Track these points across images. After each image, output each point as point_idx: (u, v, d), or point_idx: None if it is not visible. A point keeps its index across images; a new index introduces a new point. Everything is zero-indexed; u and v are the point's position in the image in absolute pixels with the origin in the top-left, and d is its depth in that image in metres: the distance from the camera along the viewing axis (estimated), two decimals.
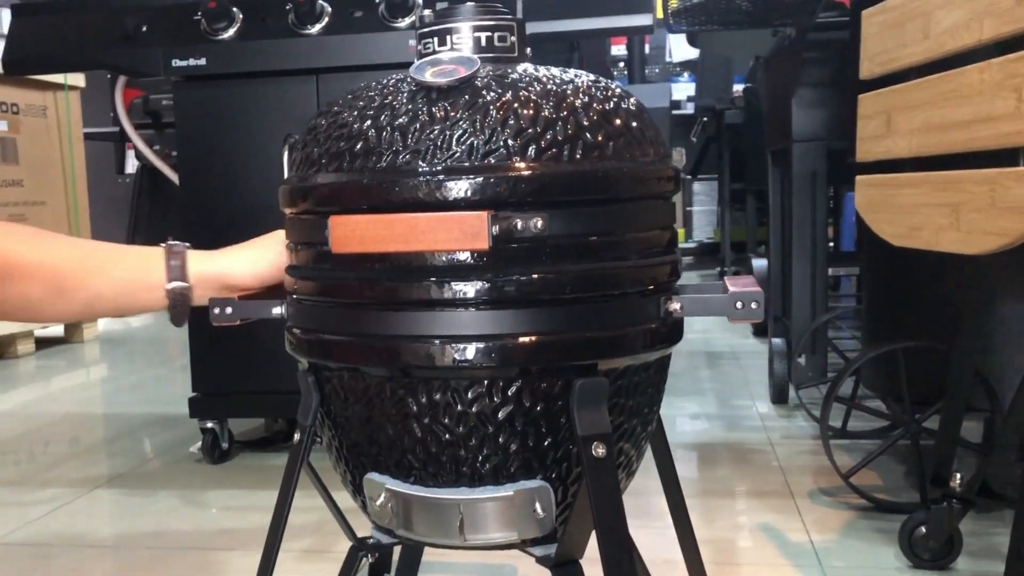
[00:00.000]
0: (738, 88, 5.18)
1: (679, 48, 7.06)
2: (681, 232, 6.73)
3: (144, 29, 1.91)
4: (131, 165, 4.95)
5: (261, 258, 1.02)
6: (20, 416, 2.74)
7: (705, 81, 5.70)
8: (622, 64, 6.54)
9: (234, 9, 1.89)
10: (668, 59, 7.45)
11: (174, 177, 2.11)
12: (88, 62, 2.09)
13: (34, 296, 1.01)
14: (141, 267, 1.03)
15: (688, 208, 7.02)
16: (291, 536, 1.62)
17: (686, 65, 7.20)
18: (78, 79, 3.97)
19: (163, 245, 1.04)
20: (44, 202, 3.78)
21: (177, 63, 1.90)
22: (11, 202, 3.61)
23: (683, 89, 6.84)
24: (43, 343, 3.89)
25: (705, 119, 5.41)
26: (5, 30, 2.16)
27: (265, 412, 2.18)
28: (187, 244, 1.05)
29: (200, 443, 2.11)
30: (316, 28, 1.85)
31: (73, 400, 3.00)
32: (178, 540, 1.67)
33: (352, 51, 1.83)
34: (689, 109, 6.16)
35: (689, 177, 6.61)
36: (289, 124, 1.91)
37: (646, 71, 6.50)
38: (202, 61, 1.89)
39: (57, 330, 4.01)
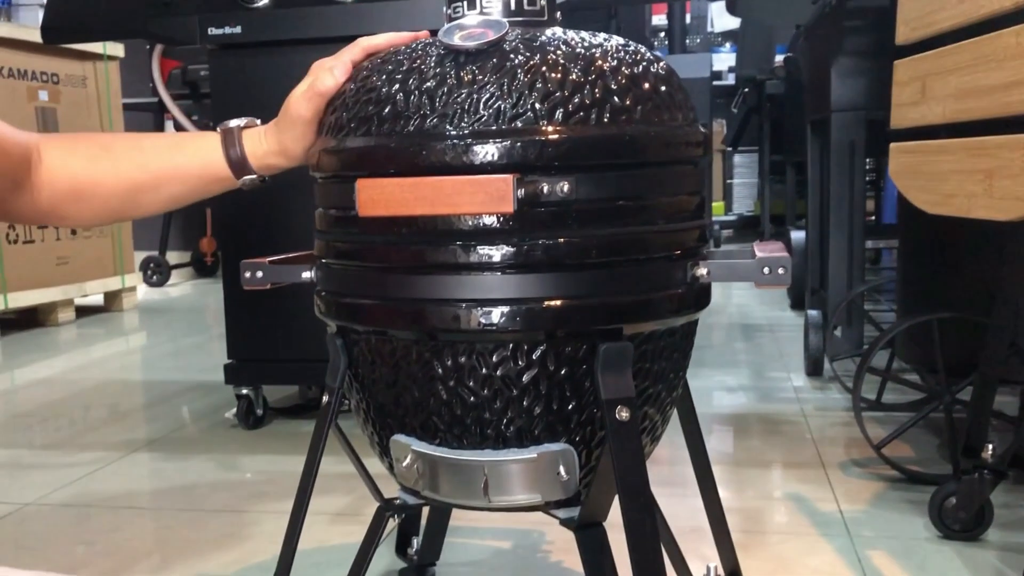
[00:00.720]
0: (779, 58, 5.12)
1: (721, 18, 7.00)
2: (721, 205, 6.67)
3: None
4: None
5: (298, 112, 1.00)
6: (61, 382, 2.79)
7: (746, 51, 5.63)
8: (663, 34, 6.48)
9: None
10: (710, 29, 7.38)
11: None
12: (125, 30, 2.11)
13: (113, 207, 1.06)
14: (206, 165, 1.04)
15: (728, 181, 6.94)
16: (322, 500, 1.64)
17: (728, 35, 7.13)
18: (117, 49, 4.00)
19: (219, 130, 1.04)
20: None
21: (213, 31, 1.90)
22: None
23: (724, 60, 6.77)
24: (83, 311, 3.95)
25: (746, 90, 5.35)
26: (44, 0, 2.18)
27: (299, 380, 2.20)
28: (240, 122, 1.05)
29: (235, 409, 2.13)
30: None
31: (112, 367, 3.04)
32: (212, 502, 1.69)
33: (386, 18, 1.83)
34: (730, 80, 6.10)
35: (729, 149, 6.55)
36: None
37: (687, 41, 6.42)
38: (237, 29, 1.90)
39: (97, 299, 4.06)
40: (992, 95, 0.96)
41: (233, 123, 1.04)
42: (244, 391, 2.11)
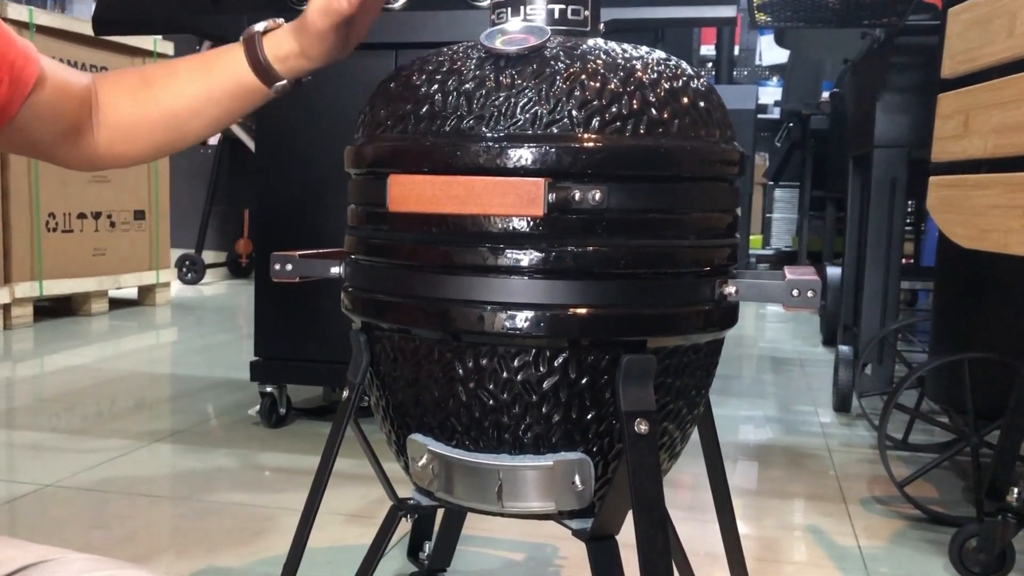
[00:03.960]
0: (825, 94, 5.10)
1: (770, 51, 6.98)
2: (759, 238, 6.65)
3: None
4: (214, 137, 5.04)
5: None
6: (90, 371, 2.81)
7: (793, 85, 5.62)
8: (710, 64, 6.48)
9: None
10: (758, 62, 7.38)
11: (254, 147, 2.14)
12: (175, 25, 2.13)
13: (159, 140, 1.07)
14: (238, 80, 1.04)
15: (767, 215, 6.92)
16: (338, 500, 1.64)
17: (776, 69, 7.12)
18: (167, 47, 4.05)
19: (242, 39, 1.03)
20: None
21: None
22: None
23: (771, 94, 6.76)
24: (116, 303, 3.98)
25: (791, 124, 5.33)
26: None
27: (324, 381, 2.21)
28: (261, 27, 1.03)
29: (258, 407, 2.14)
30: (399, 3, 1.87)
31: (141, 359, 3.06)
32: (229, 496, 1.70)
33: (433, 27, 1.84)
34: (775, 114, 6.08)
35: (771, 183, 6.52)
36: (365, 98, 1.92)
37: (734, 73, 6.42)
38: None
39: (131, 292, 4.09)
40: None
41: (257, 27, 1.03)
42: (268, 389, 2.12)
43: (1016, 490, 1.32)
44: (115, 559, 0.80)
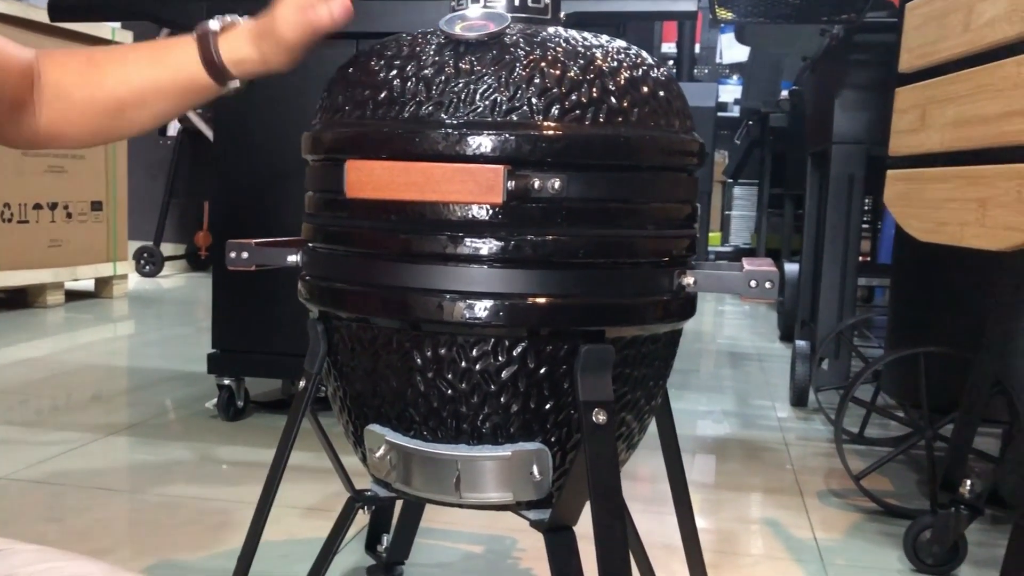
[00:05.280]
0: (785, 92, 5.13)
1: (730, 50, 7.01)
2: (718, 235, 6.69)
3: None
4: (173, 128, 4.99)
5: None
6: (45, 363, 2.77)
7: (752, 83, 5.64)
8: (671, 62, 6.50)
9: None
10: (718, 60, 7.40)
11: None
12: (132, 11, 2.11)
13: (102, 125, 1.03)
14: (189, 77, 1.00)
15: (727, 212, 6.96)
16: (295, 494, 1.63)
17: (736, 68, 7.15)
18: (125, 36, 3.99)
19: (195, 36, 0.99)
20: (83, 156, 3.81)
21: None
22: (51, 153, 3.65)
23: (731, 92, 6.79)
24: (73, 295, 3.93)
25: (750, 122, 5.36)
26: None
27: (282, 373, 2.19)
28: (216, 26, 0.99)
29: (216, 399, 2.12)
30: None
31: (98, 352, 3.03)
32: (185, 489, 1.68)
33: (394, 17, 1.83)
34: (735, 112, 6.11)
35: (730, 180, 6.56)
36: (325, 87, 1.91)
37: (695, 71, 6.44)
38: (243, 18, 1.89)
39: (88, 284, 4.04)
40: (990, 124, 0.96)
41: (211, 25, 0.99)
42: (226, 381, 2.10)
43: (969, 482, 1.34)
44: (65, 551, 0.78)
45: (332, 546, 0.99)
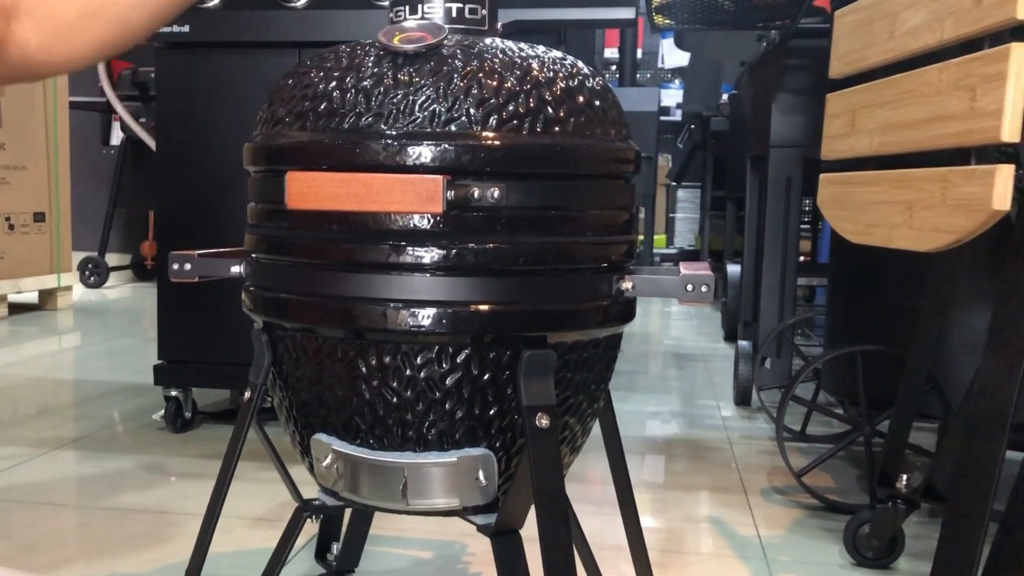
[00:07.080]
0: (725, 96, 5.19)
1: (671, 55, 7.08)
2: (663, 238, 6.74)
3: None
4: (116, 137, 4.94)
5: None
6: None
7: (693, 87, 5.70)
8: (614, 67, 6.54)
9: None
10: (660, 65, 7.46)
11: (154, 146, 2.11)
12: None
13: (102, 35, 1.00)
14: None
15: (671, 215, 7.02)
16: (244, 505, 1.63)
17: (677, 72, 7.21)
18: None
19: None
20: (25, 167, 3.76)
21: (161, 29, 1.90)
22: None
23: (673, 96, 6.84)
24: (16, 308, 3.88)
25: (692, 126, 5.42)
26: None
27: (229, 383, 2.18)
28: None
29: (163, 411, 2.11)
30: (301, 1, 1.86)
31: (43, 365, 2.99)
32: (134, 502, 1.67)
33: (335, 27, 1.84)
34: (678, 116, 6.17)
35: (673, 183, 6.62)
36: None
37: (638, 75, 6.49)
38: (185, 28, 1.90)
39: (31, 296, 3.99)
40: (915, 128, 0.99)
41: None
42: (173, 393, 2.09)
43: (905, 477, 1.37)
44: (11, 568, 0.78)
45: (281, 555, 0.99)
